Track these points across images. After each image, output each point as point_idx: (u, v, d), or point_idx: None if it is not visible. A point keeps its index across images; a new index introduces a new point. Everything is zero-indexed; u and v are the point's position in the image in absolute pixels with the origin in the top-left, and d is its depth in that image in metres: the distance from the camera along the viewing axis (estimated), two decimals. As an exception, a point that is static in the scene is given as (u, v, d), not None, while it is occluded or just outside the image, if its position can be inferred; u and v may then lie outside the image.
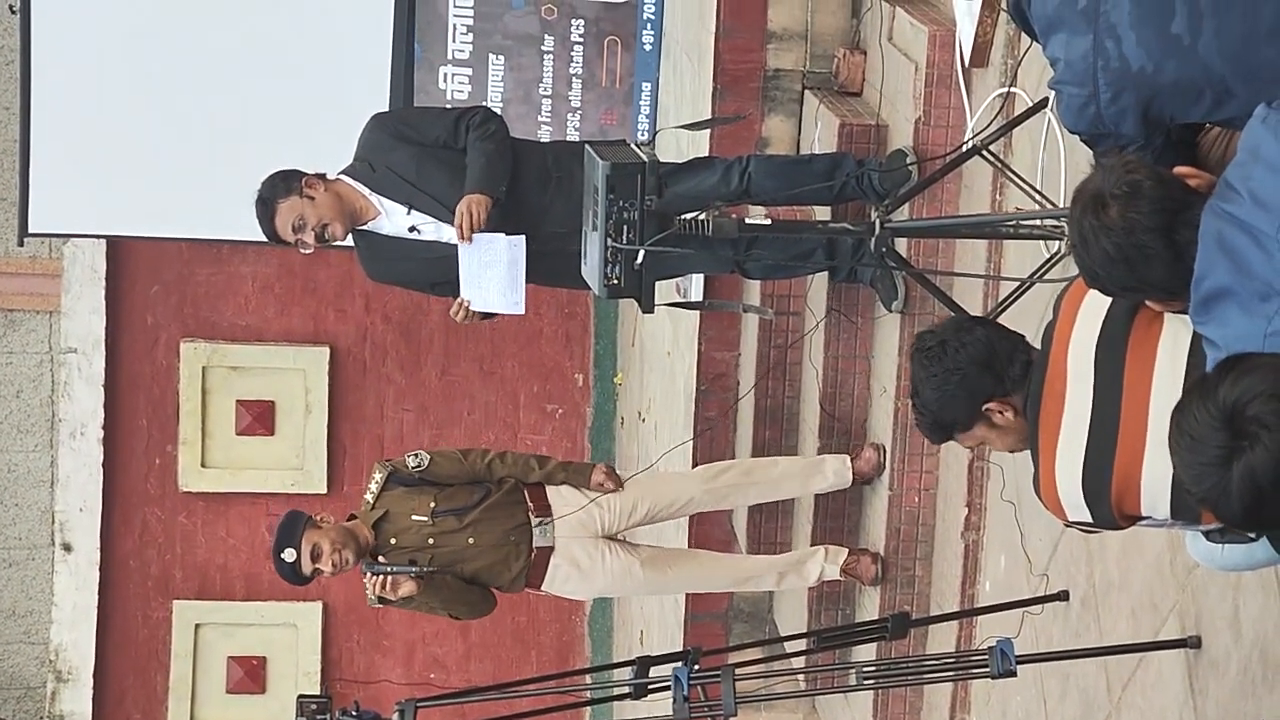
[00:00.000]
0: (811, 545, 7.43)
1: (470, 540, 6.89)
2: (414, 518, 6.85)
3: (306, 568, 6.77)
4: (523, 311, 6.83)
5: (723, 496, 7.37)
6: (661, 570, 7.23)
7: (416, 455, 7.00)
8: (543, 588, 7.09)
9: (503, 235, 6.59)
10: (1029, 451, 3.88)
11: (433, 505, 6.88)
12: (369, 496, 6.95)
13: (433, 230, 6.78)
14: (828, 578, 7.27)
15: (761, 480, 7.34)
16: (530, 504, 6.99)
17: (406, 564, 6.81)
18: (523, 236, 6.57)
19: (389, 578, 6.78)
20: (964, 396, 3.94)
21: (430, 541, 6.86)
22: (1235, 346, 3.16)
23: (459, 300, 6.73)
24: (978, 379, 3.92)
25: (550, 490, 7.06)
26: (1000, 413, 3.94)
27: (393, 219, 6.80)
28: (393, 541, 6.86)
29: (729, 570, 7.43)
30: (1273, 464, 2.79)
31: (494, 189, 6.62)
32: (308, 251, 6.91)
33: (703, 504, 7.38)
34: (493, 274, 6.65)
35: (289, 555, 6.76)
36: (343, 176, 6.82)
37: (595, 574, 7.10)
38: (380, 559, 6.83)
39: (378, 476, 6.96)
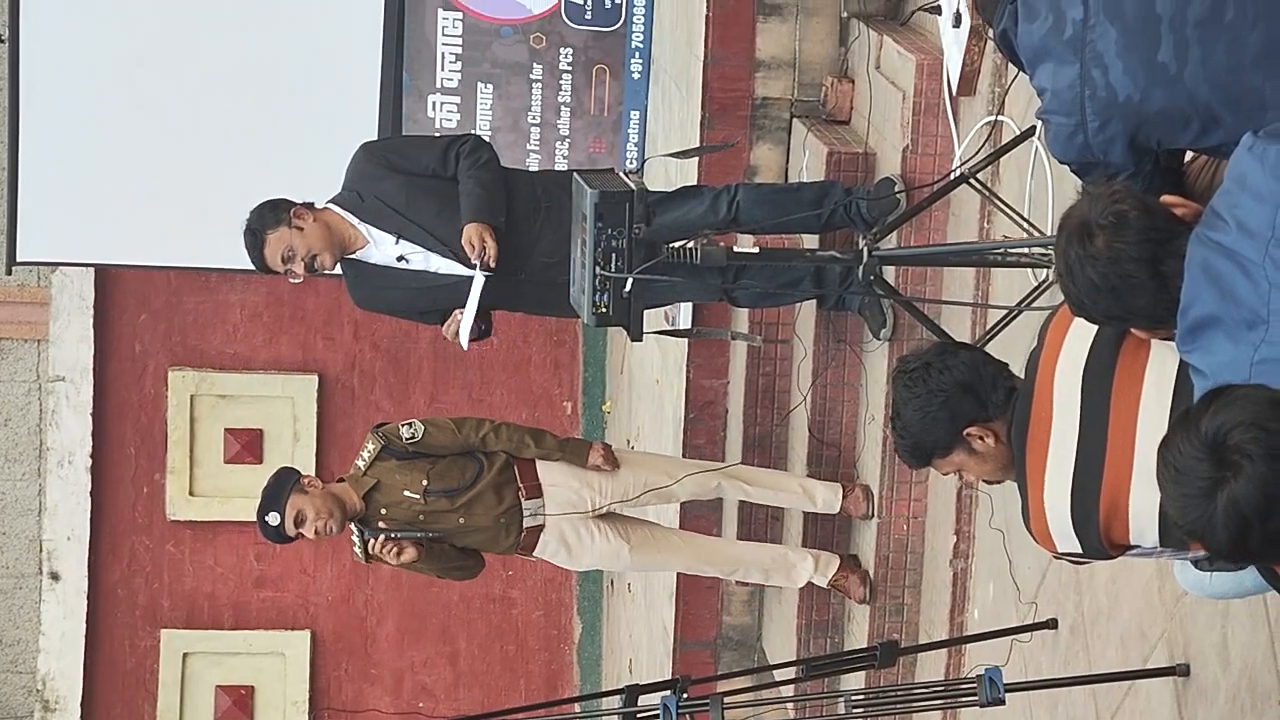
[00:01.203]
0: (803, 555, 7.44)
1: (461, 521, 6.87)
2: (406, 494, 6.82)
3: (290, 532, 6.72)
4: (465, 347, 6.87)
5: (715, 489, 7.36)
6: (650, 552, 7.21)
7: (411, 425, 6.93)
8: (534, 554, 7.10)
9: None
10: (1016, 483, 3.87)
11: (425, 484, 6.83)
12: (360, 463, 6.90)
13: (421, 259, 6.78)
14: (816, 583, 7.26)
15: (755, 481, 7.34)
16: (521, 484, 6.96)
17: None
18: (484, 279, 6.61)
19: (395, 542, 6.74)
20: (946, 419, 3.92)
21: (421, 518, 6.83)
22: (1222, 375, 3.16)
23: (454, 316, 6.73)
24: (960, 402, 3.91)
25: (542, 467, 7.01)
26: (981, 438, 3.92)
27: (381, 248, 6.80)
28: (383, 512, 6.81)
29: (718, 554, 7.40)
30: (1256, 493, 2.77)
31: (494, 219, 6.63)
32: (297, 281, 6.91)
33: (695, 492, 7.36)
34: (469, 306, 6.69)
35: (273, 519, 6.71)
36: (331, 205, 6.82)
37: (583, 553, 7.12)
38: (381, 526, 6.80)
39: (371, 446, 6.90)
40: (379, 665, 11.38)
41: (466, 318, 6.68)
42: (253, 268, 6.86)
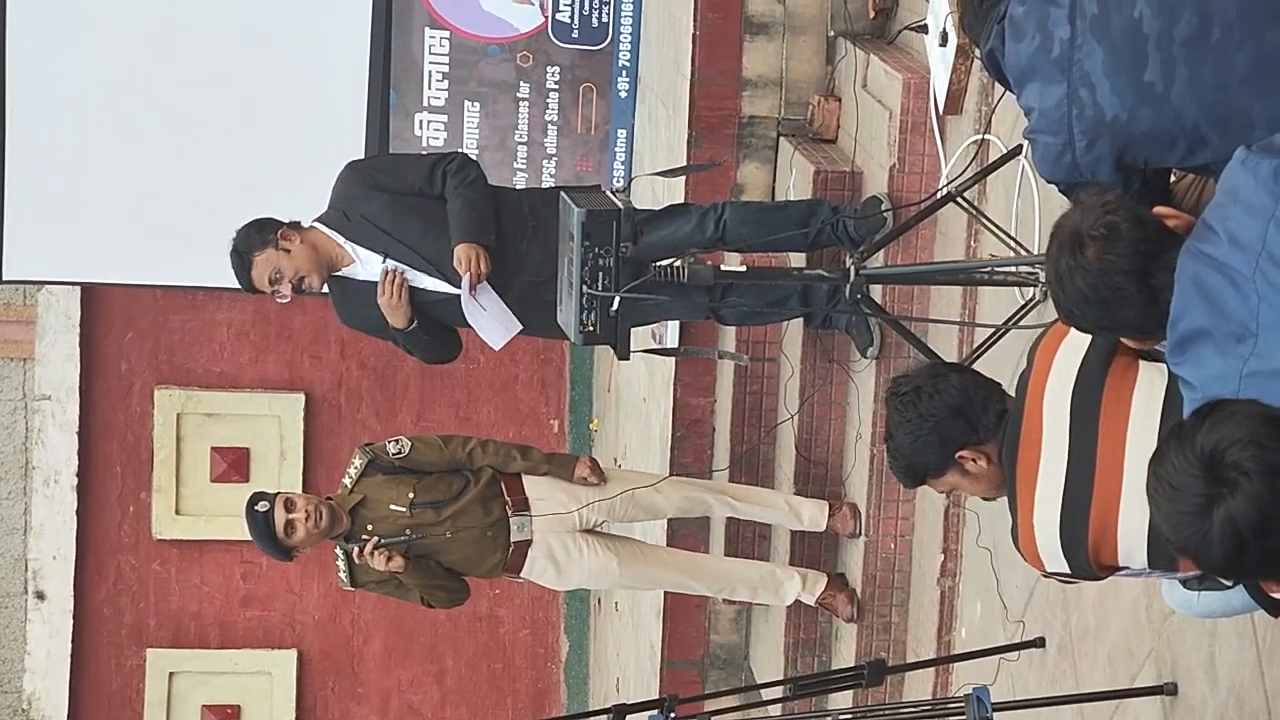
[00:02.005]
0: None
1: (448, 534, 6.86)
2: (392, 507, 6.82)
3: (280, 519, 6.68)
4: (497, 348, 6.86)
5: (702, 503, 7.36)
6: (638, 568, 7.20)
7: (398, 441, 6.94)
8: (521, 575, 7.08)
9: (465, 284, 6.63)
10: (1007, 502, 3.87)
11: (411, 496, 6.83)
12: (347, 481, 6.90)
13: (408, 278, 6.77)
14: (804, 602, 7.25)
15: (742, 498, 7.34)
16: (508, 498, 6.95)
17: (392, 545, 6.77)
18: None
19: (384, 548, 6.71)
20: (937, 443, 3.92)
21: (408, 532, 6.82)
22: (1211, 387, 3.15)
23: (389, 275, 6.67)
24: (951, 426, 3.91)
25: (529, 482, 7.01)
26: (973, 460, 3.92)
27: (368, 267, 6.79)
28: (369, 528, 6.81)
29: (706, 571, 7.39)
30: (1253, 511, 2.74)
31: (484, 237, 6.62)
32: (284, 301, 6.90)
33: (682, 507, 7.35)
34: (490, 313, 6.67)
35: (262, 505, 6.71)
36: (318, 225, 6.80)
37: (571, 569, 7.09)
38: (365, 539, 6.78)
39: (358, 462, 6.90)
40: (366, 684, 11.35)
41: (489, 319, 6.66)
42: (239, 286, 6.85)
